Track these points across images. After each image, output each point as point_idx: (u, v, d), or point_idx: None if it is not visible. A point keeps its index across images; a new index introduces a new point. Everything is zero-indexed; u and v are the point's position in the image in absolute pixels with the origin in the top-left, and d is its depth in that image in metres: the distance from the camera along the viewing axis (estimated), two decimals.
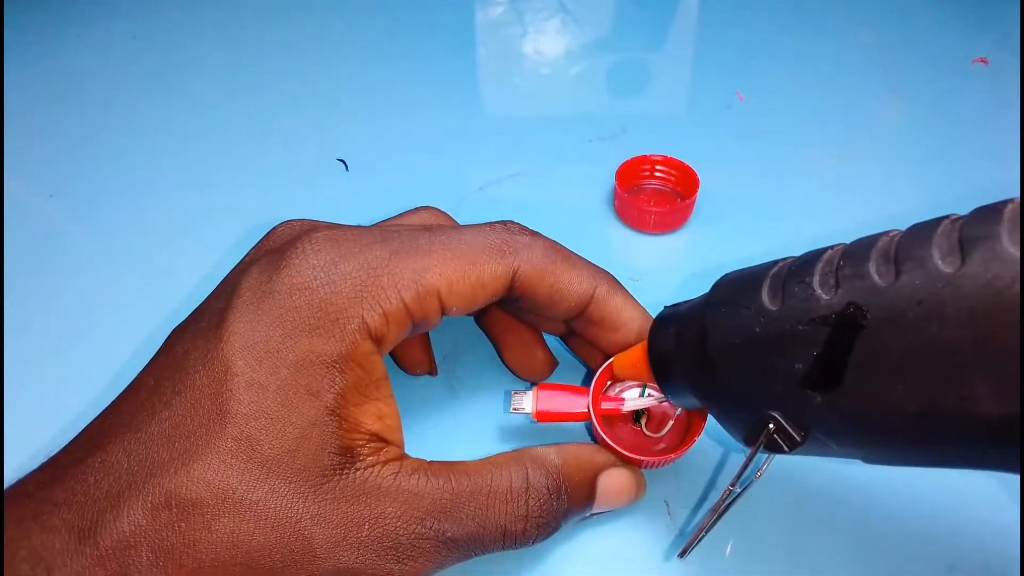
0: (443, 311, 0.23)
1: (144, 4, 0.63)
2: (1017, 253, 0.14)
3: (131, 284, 0.38)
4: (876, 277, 0.16)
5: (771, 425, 0.19)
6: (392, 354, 0.31)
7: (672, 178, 0.41)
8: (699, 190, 0.39)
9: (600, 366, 0.27)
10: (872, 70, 0.53)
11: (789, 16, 0.59)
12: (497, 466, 0.23)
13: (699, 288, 0.22)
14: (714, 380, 0.21)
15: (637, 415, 0.28)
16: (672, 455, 0.26)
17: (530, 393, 0.27)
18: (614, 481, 0.25)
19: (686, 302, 0.24)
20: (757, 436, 0.20)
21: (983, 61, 0.52)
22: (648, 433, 0.28)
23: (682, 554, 0.23)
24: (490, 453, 0.30)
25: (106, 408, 0.22)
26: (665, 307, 0.25)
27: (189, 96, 0.52)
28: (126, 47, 0.58)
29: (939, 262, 0.15)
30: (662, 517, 0.28)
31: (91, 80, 0.54)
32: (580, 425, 0.30)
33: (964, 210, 0.15)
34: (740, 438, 0.21)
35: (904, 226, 0.16)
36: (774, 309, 0.19)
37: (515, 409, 0.27)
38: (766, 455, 0.21)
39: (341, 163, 0.46)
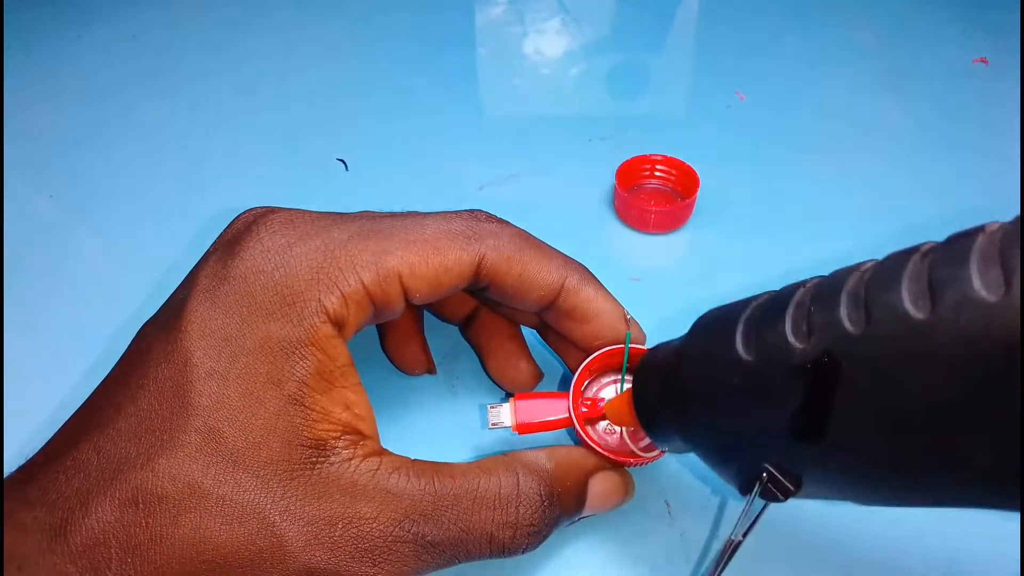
0: (406, 296, 0.23)
1: (144, 4, 0.63)
2: (989, 297, 0.13)
3: (131, 284, 0.38)
4: (847, 323, 0.15)
5: (764, 475, 0.18)
6: (390, 354, 0.31)
7: (672, 178, 0.41)
8: (699, 190, 0.39)
9: (577, 366, 0.26)
10: (872, 70, 0.53)
11: (789, 16, 0.59)
12: (486, 470, 0.22)
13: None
14: (700, 431, 0.21)
15: None
16: (659, 452, 0.25)
17: (507, 405, 0.26)
18: (604, 485, 0.25)
19: (667, 344, 0.23)
20: (751, 485, 0.19)
21: (983, 61, 0.52)
22: (628, 443, 0.27)
23: None
24: (492, 453, 0.30)
25: (80, 407, 0.22)
26: (649, 349, 0.24)
27: (189, 96, 0.52)
28: (126, 47, 0.58)
29: (910, 307, 0.14)
30: (663, 517, 0.28)
31: (91, 80, 0.54)
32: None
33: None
34: (735, 486, 0.20)
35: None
36: (750, 359, 0.18)
37: (493, 424, 0.26)
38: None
39: (341, 163, 0.46)
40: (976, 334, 0.13)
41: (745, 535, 0.21)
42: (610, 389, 0.28)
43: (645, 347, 0.26)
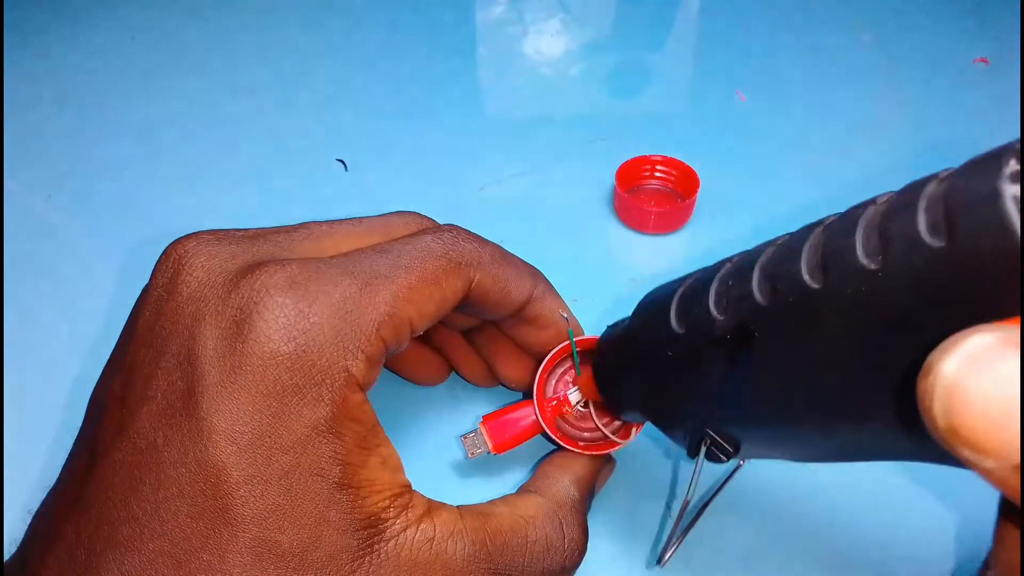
0: (412, 335, 0.22)
1: (143, 5, 0.63)
2: (869, 265, 0.14)
3: (130, 285, 0.38)
4: (758, 296, 0.17)
5: (707, 439, 0.20)
6: (405, 373, 0.31)
7: (672, 178, 0.41)
8: (699, 190, 0.39)
9: (509, 370, 0.28)
10: (872, 70, 0.53)
11: (789, 16, 0.59)
12: (530, 521, 0.23)
13: None
14: (648, 401, 0.22)
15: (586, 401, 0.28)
16: (634, 430, 0.27)
17: (479, 431, 0.27)
18: (603, 478, 0.28)
19: (623, 321, 0.24)
20: (696, 449, 0.20)
21: (983, 61, 0.52)
22: (599, 425, 0.28)
23: (659, 561, 0.24)
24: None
25: (56, 497, 0.20)
26: (607, 327, 0.25)
27: (188, 97, 0.52)
28: (125, 48, 0.58)
29: (807, 278, 0.15)
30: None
31: (90, 80, 0.54)
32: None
33: None
34: (685, 450, 0.22)
35: None
36: (681, 332, 0.20)
37: (473, 454, 0.27)
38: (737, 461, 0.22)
39: (340, 163, 0.46)
40: (861, 300, 0.14)
41: (712, 497, 0.23)
42: (571, 386, 0.29)
43: (587, 336, 0.27)
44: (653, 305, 0.21)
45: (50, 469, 0.29)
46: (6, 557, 0.20)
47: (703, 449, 0.20)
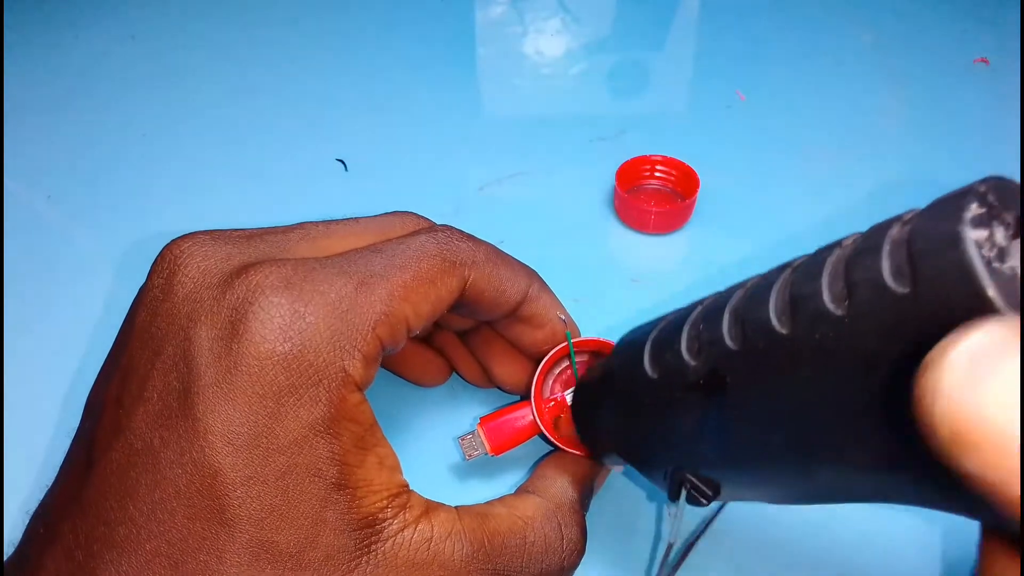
0: (408, 334, 0.22)
1: (143, 5, 0.63)
2: (835, 310, 0.14)
3: (130, 286, 0.38)
4: (728, 341, 0.17)
5: (687, 483, 0.20)
6: (406, 374, 0.31)
7: (672, 178, 0.41)
8: (699, 190, 0.39)
9: (504, 371, 0.28)
10: (872, 70, 0.53)
11: (789, 16, 0.59)
12: (528, 522, 0.23)
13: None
14: (626, 445, 0.22)
15: None
16: None
17: (477, 432, 0.27)
18: (600, 481, 0.28)
19: (601, 363, 0.25)
20: (677, 493, 0.20)
21: (983, 61, 0.52)
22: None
23: None
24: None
25: (54, 497, 0.20)
26: (588, 368, 0.26)
27: (188, 97, 0.52)
28: (125, 48, 0.58)
29: (775, 323, 0.15)
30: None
31: (89, 81, 0.54)
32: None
33: None
34: (665, 493, 0.22)
35: None
36: (655, 377, 0.19)
37: (470, 456, 0.27)
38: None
39: (340, 163, 0.46)
40: (829, 346, 0.14)
41: (698, 539, 0.23)
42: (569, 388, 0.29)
43: (584, 337, 0.27)
44: (628, 347, 0.21)
45: (48, 468, 0.29)
46: (5, 557, 0.20)
47: (683, 493, 0.20)
